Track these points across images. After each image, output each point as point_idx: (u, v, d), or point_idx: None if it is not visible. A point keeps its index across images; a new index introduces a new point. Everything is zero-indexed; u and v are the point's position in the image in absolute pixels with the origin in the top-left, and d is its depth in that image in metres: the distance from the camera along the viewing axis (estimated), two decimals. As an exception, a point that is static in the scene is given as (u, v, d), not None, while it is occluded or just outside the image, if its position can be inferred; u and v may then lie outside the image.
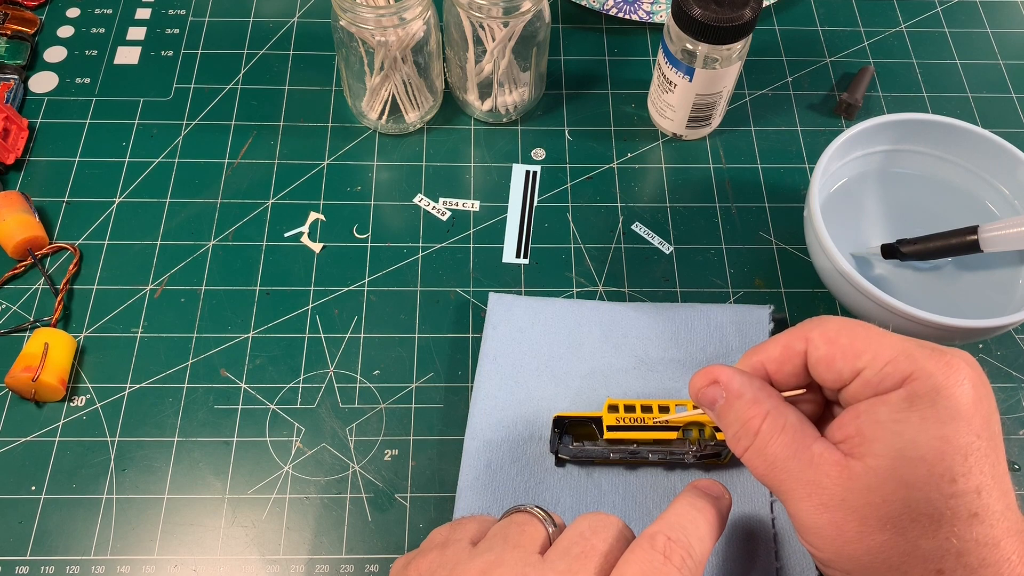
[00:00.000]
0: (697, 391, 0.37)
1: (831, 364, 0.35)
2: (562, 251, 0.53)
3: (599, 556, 0.32)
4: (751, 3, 0.50)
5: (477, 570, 0.32)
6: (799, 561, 0.43)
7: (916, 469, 0.31)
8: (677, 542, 0.32)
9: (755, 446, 0.35)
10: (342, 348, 0.49)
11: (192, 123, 0.58)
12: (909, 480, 0.31)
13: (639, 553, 0.32)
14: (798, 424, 0.35)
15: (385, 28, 0.50)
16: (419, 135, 0.58)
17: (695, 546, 0.33)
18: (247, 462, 0.46)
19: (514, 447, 0.45)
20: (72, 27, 0.63)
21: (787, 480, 0.34)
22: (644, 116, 0.60)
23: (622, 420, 0.43)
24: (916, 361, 0.33)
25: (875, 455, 0.32)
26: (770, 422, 0.35)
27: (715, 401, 0.37)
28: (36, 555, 0.43)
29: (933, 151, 0.53)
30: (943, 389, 0.32)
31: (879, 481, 0.32)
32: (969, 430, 0.31)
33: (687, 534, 0.33)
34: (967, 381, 0.32)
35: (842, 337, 0.35)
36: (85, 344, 0.49)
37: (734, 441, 0.36)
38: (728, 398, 0.36)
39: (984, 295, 0.50)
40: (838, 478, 0.33)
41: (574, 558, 0.32)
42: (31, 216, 0.52)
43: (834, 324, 0.35)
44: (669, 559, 0.32)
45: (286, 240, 0.53)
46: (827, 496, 0.33)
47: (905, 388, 0.33)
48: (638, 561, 0.32)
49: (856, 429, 0.33)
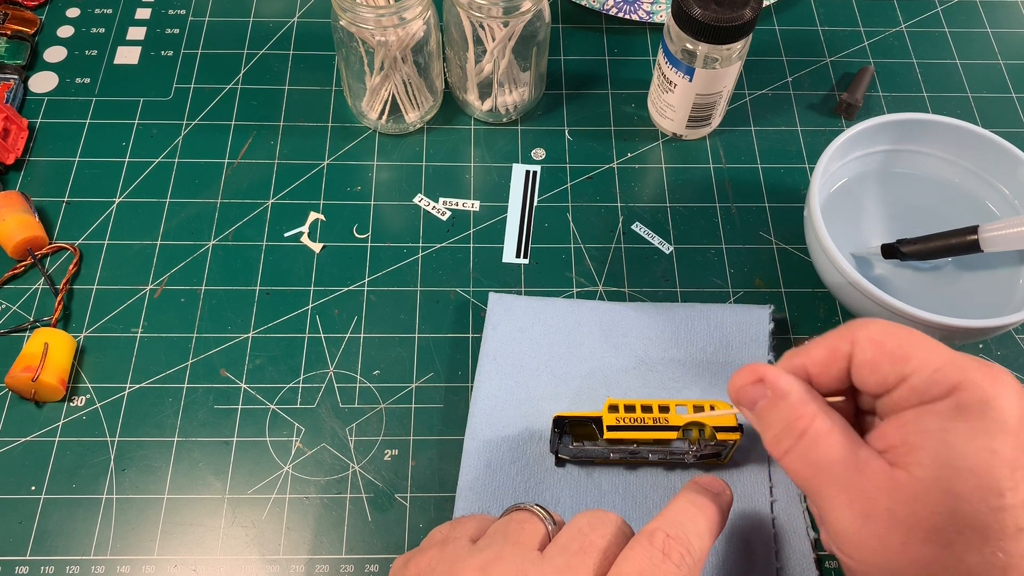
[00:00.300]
0: (737, 389, 0.36)
1: (877, 368, 0.34)
2: (562, 251, 0.53)
3: (598, 552, 0.32)
4: (751, 3, 0.50)
5: (476, 567, 0.32)
6: (799, 561, 0.43)
7: (964, 480, 0.30)
8: (676, 539, 0.32)
9: (799, 448, 0.34)
10: (342, 348, 0.49)
11: (192, 123, 0.58)
12: (956, 491, 0.30)
13: (638, 550, 0.32)
14: (844, 428, 0.34)
15: (385, 28, 0.50)
16: (419, 135, 0.58)
17: (694, 543, 0.32)
18: (247, 462, 0.46)
19: (514, 447, 0.45)
20: (72, 27, 0.63)
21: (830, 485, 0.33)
22: (644, 116, 0.60)
23: (622, 420, 0.43)
24: (964, 371, 0.32)
25: (921, 464, 0.31)
26: (818, 424, 0.34)
27: (756, 400, 0.35)
28: (36, 555, 0.43)
29: (933, 151, 0.53)
30: (992, 401, 0.31)
31: (925, 491, 0.31)
32: (1017, 444, 0.31)
33: (686, 531, 0.33)
34: (1015, 395, 0.31)
35: (889, 341, 0.34)
36: (85, 344, 0.49)
37: (774, 443, 0.35)
38: (772, 397, 0.35)
39: (984, 295, 0.50)
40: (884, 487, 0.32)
41: (572, 554, 0.32)
42: (31, 216, 0.52)
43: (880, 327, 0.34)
44: (668, 556, 0.31)
45: (286, 240, 0.53)
46: (871, 505, 0.32)
47: (953, 398, 0.32)
48: (637, 558, 0.31)
49: (901, 438, 0.32)
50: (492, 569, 0.31)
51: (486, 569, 0.31)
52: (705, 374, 0.47)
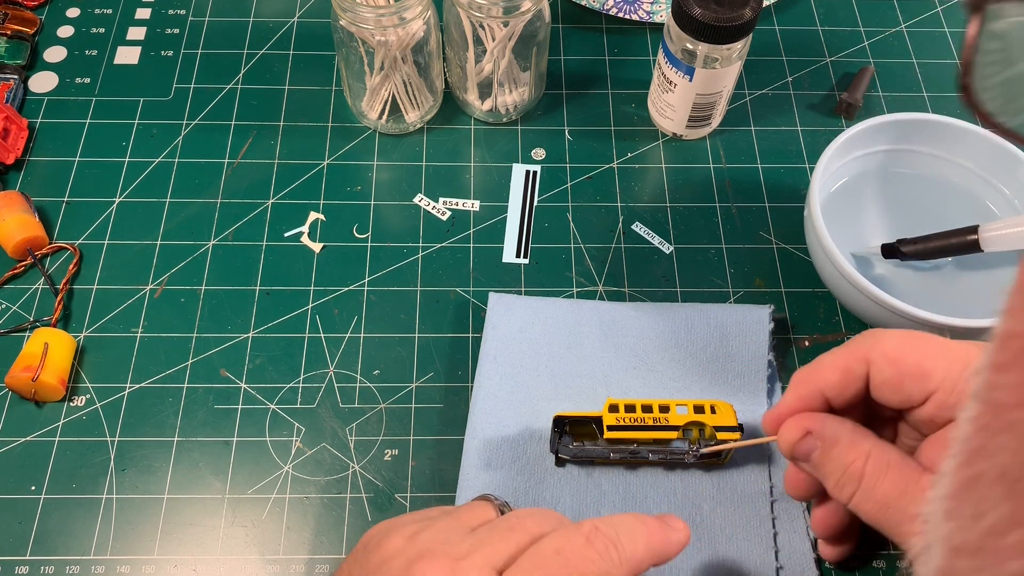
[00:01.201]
0: (790, 446, 0.36)
1: (899, 387, 0.33)
2: (562, 251, 0.53)
3: (526, 533, 0.32)
4: (751, 3, 0.50)
5: (408, 533, 0.32)
6: (799, 561, 0.43)
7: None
8: (603, 532, 0.31)
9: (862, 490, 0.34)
10: (342, 348, 0.49)
11: (192, 123, 0.58)
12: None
13: (561, 531, 0.31)
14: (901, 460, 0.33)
15: (385, 28, 0.50)
16: (419, 135, 0.58)
17: (624, 542, 0.32)
18: (247, 462, 0.46)
19: (514, 447, 0.45)
20: (72, 27, 0.63)
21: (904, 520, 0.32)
22: (644, 116, 0.60)
23: (622, 420, 0.43)
24: None
25: None
26: (873, 462, 0.33)
27: (811, 451, 0.35)
28: (36, 555, 0.43)
29: (933, 151, 0.53)
30: None
31: None
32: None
33: (617, 530, 0.32)
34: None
35: (907, 357, 0.33)
36: (85, 344, 0.49)
37: (838, 489, 0.35)
38: (824, 446, 0.35)
39: (984, 295, 0.50)
40: None
41: (500, 531, 0.32)
42: (31, 216, 0.52)
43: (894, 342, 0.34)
44: (591, 543, 0.31)
45: (286, 240, 0.53)
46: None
47: None
48: (558, 537, 0.31)
49: None
50: (420, 536, 0.32)
51: (415, 536, 0.32)
52: (705, 374, 0.47)
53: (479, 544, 0.31)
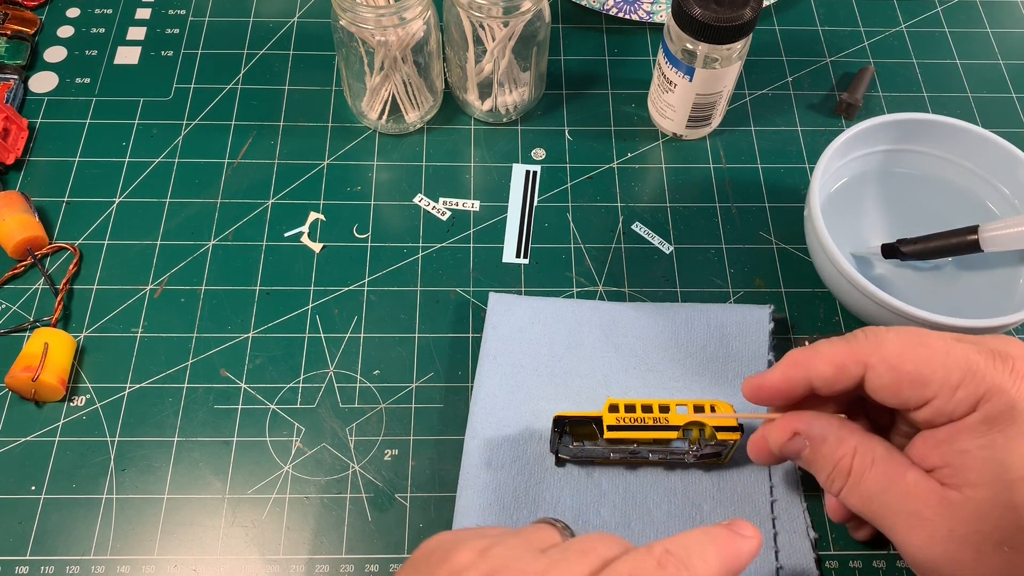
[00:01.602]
0: (780, 448, 0.37)
1: (896, 392, 0.34)
2: (562, 251, 0.53)
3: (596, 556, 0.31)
4: (751, 3, 0.50)
5: (477, 548, 0.32)
6: (799, 561, 0.43)
7: (1019, 490, 0.31)
8: (674, 555, 0.31)
9: (849, 484, 0.35)
10: (342, 348, 0.49)
11: (192, 123, 0.58)
12: (1014, 502, 0.31)
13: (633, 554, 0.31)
14: (887, 455, 0.34)
15: (385, 28, 0.50)
16: (419, 135, 0.58)
17: (696, 565, 0.31)
18: (247, 462, 0.46)
19: (514, 446, 0.45)
20: (72, 27, 0.63)
21: (887, 514, 0.34)
22: (644, 116, 0.60)
23: (622, 420, 0.43)
24: (985, 379, 0.32)
25: (972, 484, 0.32)
26: (859, 459, 0.35)
27: (800, 451, 0.37)
28: (36, 555, 0.43)
29: (933, 151, 0.53)
30: (1018, 402, 0.31)
31: (985, 509, 0.31)
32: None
33: (689, 552, 0.31)
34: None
35: (906, 363, 0.33)
36: (85, 344, 0.49)
37: (828, 484, 0.36)
38: (812, 445, 0.36)
39: (984, 295, 0.50)
40: (939, 508, 0.32)
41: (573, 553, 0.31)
42: (31, 216, 0.52)
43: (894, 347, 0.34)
44: (663, 567, 0.30)
45: (286, 240, 0.53)
46: (932, 529, 0.32)
47: (981, 411, 0.32)
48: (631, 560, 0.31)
49: (942, 459, 0.33)
50: (491, 551, 0.31)
51: (486, 551, 0.31)
52: (705, 374, 0.47)
53: (553, 565, 0.31)
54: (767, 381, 0.38)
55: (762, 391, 0.38)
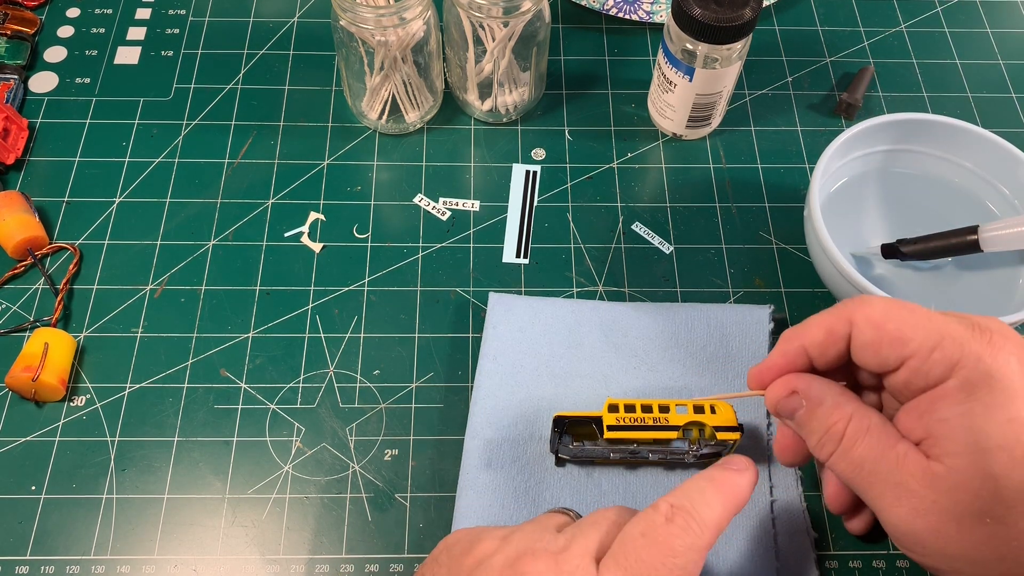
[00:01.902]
0: (775, 402, 0.37)
1: (878, 350, 0.34)
2: (562, 251, 0.54)
3: (607, 522, 0.34)
4: (751, 3, 0.50)
5: (498, 536, 0.34)
6: (799, 561, 0.43)
7: (997, 458, 0.31)
8: (680, 507, 0.33)
9: (840, 450, 0.35)
10: (342, 348, 0.49)
11: (192, 123, 0.58)
12: (994, 472, 0.31)
13: (641, 516, 0.33)
14: (881, 425, 0.35)
15: (385, 28, 0.51)
16: (419, 135, 0.58)
17: (702, 511, 0.33)
18: (247, 462, 0.46)
19: (514, 446, 0.45)
20: (72, 27, 0.63)
21: (875, 483, 0.34)
22: (644, 116, 0.60)
23: (622, 420, 0.43)
24: (962, 346, 0.33)
25: (952, 454, 0.32)
26: (854, 425, 0.35)
27: (796, 410, 0.37)
28: (36, 555, 0.43)
29: (933, 151, 0.53)
30: (994, 371, 0.32)
31: (965, 479, 0.32)
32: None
33: (692, 501, 0.33)
34: (1012, 356, 0.32)
35: (889, 322, 0.34)
36: (85, 344, 0.49)
37: (818, 447, 0.36)
38: (809, 406, 0.36)
39: (984, 295, 0.50)
40: (923, 480, 0.32)
41: (588, 525, 0.34)
42: (31, 216, 0.52)
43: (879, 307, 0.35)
44: (671, 520, 0.32)
45: (286, 240, 0.53)
46: (917, 501, 0.33)
47: (956, 377, 0.32)
48: (639, 522, 0.33)
49: (925, 430, 0.33)
50: (511, 537, 0.34)
51: (507, 538, 0.34)
52: (705, 374, 0.47)
53: (573, 538, 0.33)
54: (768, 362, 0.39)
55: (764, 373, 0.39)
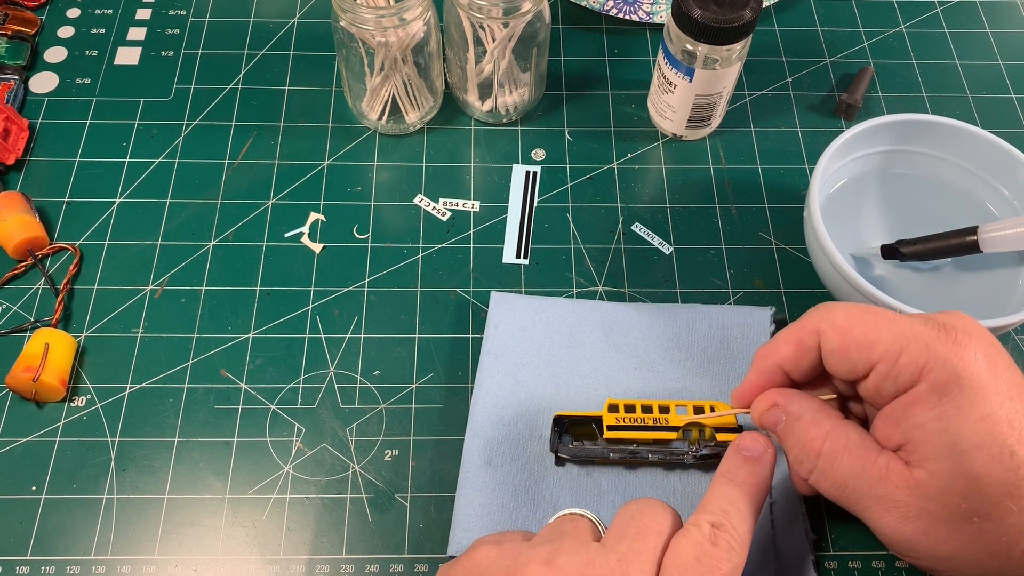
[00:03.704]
0: (759, 414, 0.38)
1: (845, 356, 0.35)
2: (562, 251, 0.54)
3: (653, 535, 0.33)
4: (751, 3, 0.50)
5: (541, 559, 0.32)
6: (799, 561, 0.43)
7: (976, 458, 0.32)
8: (721, 527, 0.33)
9: (819, 468, 0.35)
10: (342, 348, 0.49)
11: (192, 123, 0.58)
12: (975, 472, 0.32)
13: (688, 538, 0.33)
14: (859, 440, 0.35)
15: (385, 28, 0.51)
16: (419, 135, 0.58)
17: (739, 527, 0.33)
18: (247, 462, 0.46)
19: (514, 446, 0.45)
20: (72, 27, 0.63)
21: (860, 499, 0.34)
22: (644, 116, 0.60)
23: (622, 420, 0.43)
24: (928, 348, 0.33)
25: (932, 459, 0.32)
26: (831, 442, 0.35)
27: (776, 423, 0.37)
28: (36, 555, 0.43)
29: (933, 151, 0.53)
30: (961, 371, 0.32)
31: (948, 482, 0.32)
32: (1000, 398, 0.32)
33: (730, 517, 0.33)
34: (978, 353, 0.32)
35: (854, 327, 0.35)
36: (85, 344, 0.49)
37: (796, 464, 0.37)
38: (787, 421, 0.37)
39: (984, 295, 0.50)
40: (907, 489, 0.33)
41: (631, 539, 0.32)
42: (31, 216, 0.52)
43: (843, 313, 0.35)
44: (716, 545, 0.32)
45: (286, 240, 0.54)
46: (904, 509, 0.33)
47: (926, 381, 0.33)
48: (690, 545, 0.32)
49: (903, 437, 0.33)
50: (557, 560, 0.32)
51: (552, 561, 0.32)
52: (706, 375, 0.47)
53: (625, 562, 0.31)
54: (747, 383, 0.39)
55: (745, 394, 0.40)
